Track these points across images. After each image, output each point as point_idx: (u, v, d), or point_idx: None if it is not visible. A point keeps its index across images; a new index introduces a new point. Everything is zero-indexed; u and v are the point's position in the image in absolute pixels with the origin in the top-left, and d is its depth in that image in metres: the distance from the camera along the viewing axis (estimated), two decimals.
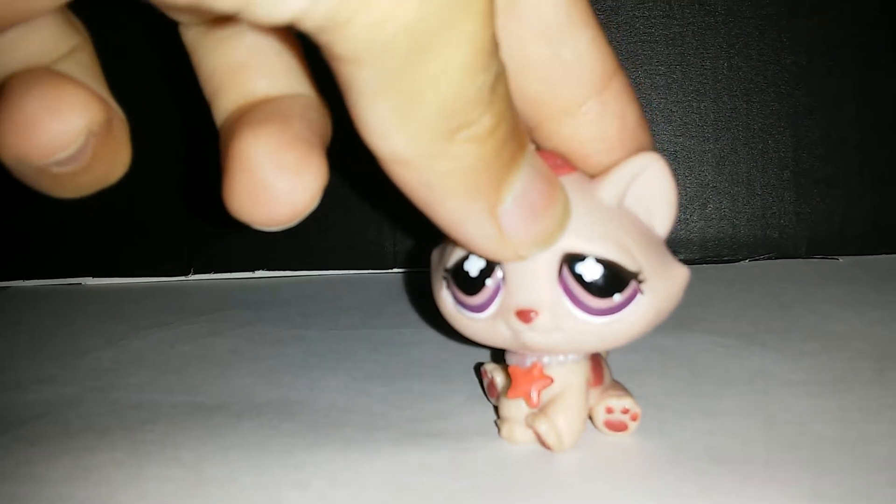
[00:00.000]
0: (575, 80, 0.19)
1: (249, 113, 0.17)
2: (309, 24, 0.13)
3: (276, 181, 0.16)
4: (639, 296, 0.19)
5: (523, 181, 0.16)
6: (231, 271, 0.38)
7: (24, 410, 0.24)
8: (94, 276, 0.38)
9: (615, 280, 0.18)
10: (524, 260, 0.18)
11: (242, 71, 0.18)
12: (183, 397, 0.25)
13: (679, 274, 0.20)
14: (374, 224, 0.37)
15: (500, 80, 0.15)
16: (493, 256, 0.18)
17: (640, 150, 0.20)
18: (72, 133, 0.15)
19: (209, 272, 0.38)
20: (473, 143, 0.15)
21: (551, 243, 0.18)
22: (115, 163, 0.17)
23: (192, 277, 0.38)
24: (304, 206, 0.17)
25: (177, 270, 0.38)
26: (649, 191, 0.19)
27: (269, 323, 0.31)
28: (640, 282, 0.19)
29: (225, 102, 0.18)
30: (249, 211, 0.17)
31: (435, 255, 0.21)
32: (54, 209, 0.38)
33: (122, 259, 0.38)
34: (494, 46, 0.14)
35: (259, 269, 0.38)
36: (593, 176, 0.20)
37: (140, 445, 0.22)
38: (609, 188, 0.19)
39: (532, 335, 0.19)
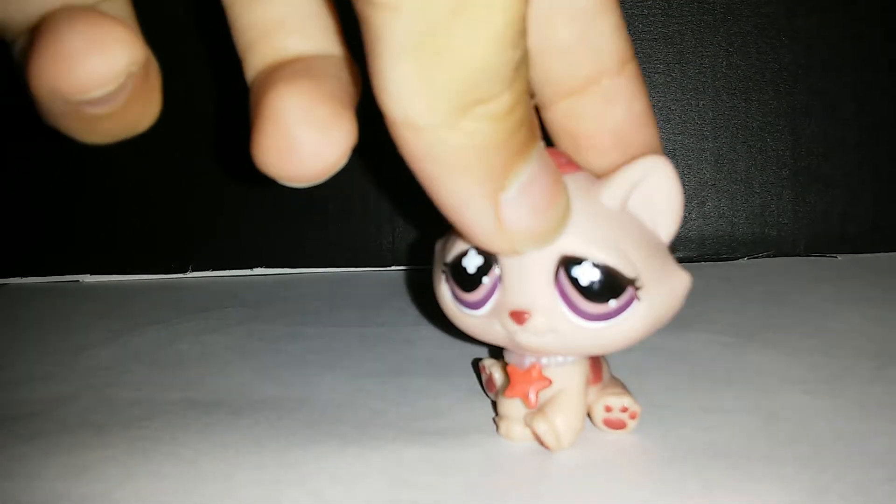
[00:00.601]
0: (593, 60, 0.19)
1: (281, 69, 0.17)
2: None
3: (305, 136, 0.16)
4: (635, 302, 0.18)
5: (530, 173, 0.16)
6: (229, 269, 0.38)
7: (21, 407, 0.24)
8: (92, 274, 0.38)
9: (611, 286, 0.18)
10: (518, 255, 0.18)
11: (278, 28, 0.18)
12: (180, 394, 0.25)
13: (680, 280, 0.19)
14: (372, 221, 0.37)
15: (523, 61, 0.15)
16: (488, 245, 0.18)
17: (643, 143, 0.20)
18: (115, 69, 0.15)
19: (207, 269, 0.38)
20: (489, 120, 0.15)
21: (547, 242, 0.18)
22: (147, 111, 0.17)
23: (190, 275, 0.38)
24: (331, 162, 0.16)
25: (175, 268, 0.38)
26: (654, 195, 0.19)
27: (268, 320, 0.31)
28: (637, 288, 0.18)
29: (258, 59, 0.18)
30: (277, 165, 0.16)
31: (438, 245, 0.21)
32: (53, 206, 0.38)
33: (120, 256, 0.38)
34: (524, 25, 0.14)
35: (257, 267, 0.38)
36: (597, 174, 0.19)
37: (137, 442, 0.21)
38: (613, 190, 0.19)
39: (525, 336, 0.19)
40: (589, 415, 0.21)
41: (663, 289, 0.19)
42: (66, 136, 0.17)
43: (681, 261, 0.20)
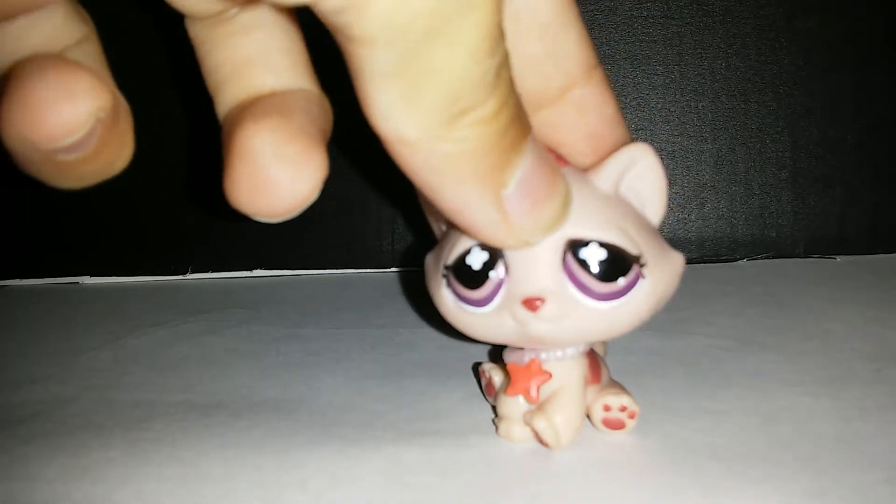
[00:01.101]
0: (564, 72, 0.20)
1: (252, 106, 0.18)
2: (329, 5, 0.13)
3: (277, 173, 0.16)
4: (641, 280, 0.19)
5: (526, 166, 0.17)
6: (229, 270, 0.38)
7: (21, 409, 0.24)
8: (91, 275, 0.38)
9: (619, 264, 0.19)
10: (530, 246, 0.18)
11: (249, 66, 0.18)
12: (180, 396, 0.25)
13: (676, 259, 0.20)
14: (371, 223, 0.37)
15: (504, 65, 0.15)
16: (500, 243, 0.18)
17: (619, 141, 0.20)
18: (82, 117, 0.15)
19: (207, 271, 0.38)
20: (477, 126, 0.15)
21: (556, 228, 0.18)
22: (119, 154, 0.17)
23: (189, 276, 0.38)
24: (303, 198, 0.17)
25: (174, 269, 0.38)
26: (642, 180, 0.20)
27: (267, 322, 0.31)
28: (641, 265, 0.19)
29: (229, 96, 0.18)
30: (250, 202, 0.17)
31: (429, 258, 0.21)
32: (52, 208, 0.38)
33: (119, 258, 0.38)
34: (500, 32, 0.15)
35: (257, 269, 0.38)
36: (582, 169, 0.20)
37: (137, 444, 0.21)
38: (604, 177, 0.19)
39: (539, 325, 0.19)
40: (588, 415, 0.21)
41: (664, 266, 0.19)
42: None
43: None
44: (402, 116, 0.15)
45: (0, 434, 0.22)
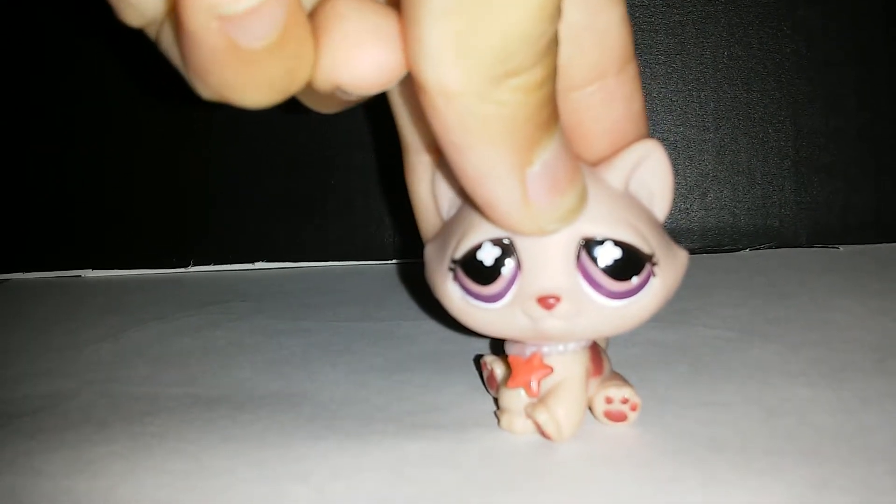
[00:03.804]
0: (600, 51, 0.19)
1: None
2: None
3: (369, 39, 0.16)
4: (652, 278, 0.19)
5: (554, 149, 0.17)
6: (231, 263, 0.38)
7: (24, 403, 0.24)
8: (94, 269, 0.38)
9: (633, 263, 0.19)
10: (544, 234, 0.18)
11: None
12: (182, 389, 0.25)
13: (681, 256, 0.20)
14: (373, 215, 0.37)
15: (556, 39, 0.15)
16: (515, 224, 0.18)
17: (634, 139, 0.20)
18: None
19: (209, 264, 0.38)
20: (520, 92, 0.15)
21: (572, 220, 0.18)
22: (302, 55, 0.16)
23: (191, 269, 0.38)
24: (393, 72, 0.16)
25: (176, 262, 0.38)
26: (651, 177, 0.20)
27: (269, 315, 0.31)
28: (654, 264, 0.19)
29: None
30: (342, 65, 0.16)
31: (430, 249, 0.21)
32: (54, 202, 0.38)
33: (121, 251, 0.38)
34: (561, 2, 0.15)
35: (259, 261, 0.38)
36: (592, 163, 0.20)
37: (139, 438, 0.22)
38: (615, 173, 0.19)
39: (552, 322, 0.19)
40: (590, 408, 0.21)
41: (672, 263, 0.19)
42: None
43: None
44: (450, 62, 0.15)
45: (2, 428, 0.22)
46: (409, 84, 0.16)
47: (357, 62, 0.16)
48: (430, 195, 0.22)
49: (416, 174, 0.23)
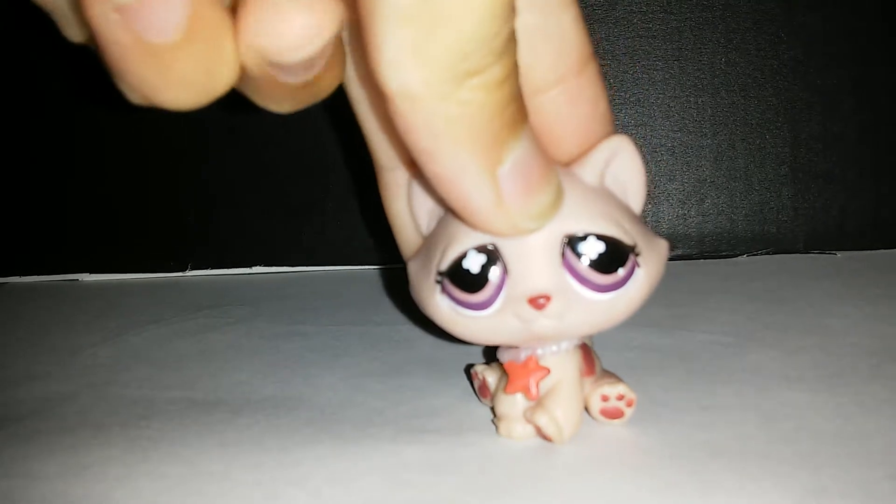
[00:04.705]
0: (556, 53, 0.20)
1: None
2: None
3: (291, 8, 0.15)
4: (637, 269, 0.19)
5: (524, 147, 0.17)
6: (229, 267, 0.38)
7: (20, 406, 0.24)
8: (91, 272, 0.38)
9: (617, 255, 0.19)
10: (519, 234, 0.18)
11: None
12: (180, 393, 0.25)
13: (662, 246, 0.20)
14: (371, 219, 0.37)
15: (512, 38, 0.15)
16: (491, 225, 0.18)
17: (601, 138, 0.20)
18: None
19: (206, 268, 0.38)
20: (482, 90, 0.15)
21: (548, 219, 0.18)
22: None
23: (189, 273, 0.38)
24: (316, 33, 0.15)
25: (174, 266, 0.38)
26: (623, 171, 0.20)
27: (267, 319, 0.31)
28: (637, 255, 0.19)
29: None
30: (264, 33, 0.15)
31: (413, 266, 0.21)
32: (52, 205, 0.38)
33: (119, 255, 0.38)
34: (514, 2, 0.15)
35: (256, 265, 0.38)
36: (563, 164, 0.20)
37: (136, 441, 0.21)
38: (589, 170, 0.20)
39: (544, 322, 0.19)
40: (586, 407, 0.21)
41: (654, 253, 0.20)
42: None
43: (680, 258, 0.20)
44: (410, 65, 0.15)
45: None
46: (376, 99, 0.16)
47: (277, 24, 0.15)
48: (407, 212, 0.22)
49: (390, 191, 0.23)
